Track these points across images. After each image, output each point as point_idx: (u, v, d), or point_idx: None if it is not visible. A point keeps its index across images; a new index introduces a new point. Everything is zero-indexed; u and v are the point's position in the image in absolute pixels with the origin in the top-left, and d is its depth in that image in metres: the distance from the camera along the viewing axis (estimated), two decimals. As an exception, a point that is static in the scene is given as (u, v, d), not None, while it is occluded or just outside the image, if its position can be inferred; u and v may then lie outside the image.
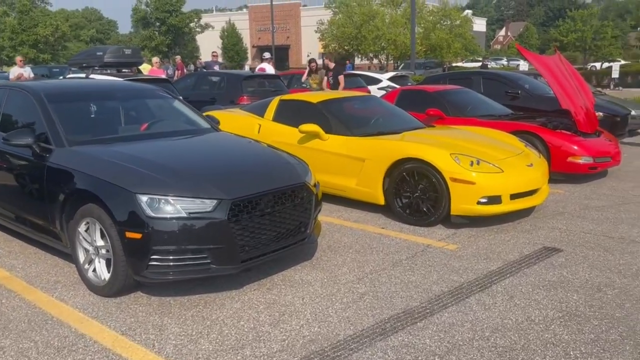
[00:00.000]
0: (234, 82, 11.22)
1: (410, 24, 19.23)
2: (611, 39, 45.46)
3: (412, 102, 8.53)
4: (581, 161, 6.99)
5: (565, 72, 7.88)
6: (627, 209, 5.97)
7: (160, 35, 36.63)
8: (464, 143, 5.66)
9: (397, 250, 4.69)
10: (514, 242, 4.89)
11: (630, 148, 10.15)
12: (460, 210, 5.12)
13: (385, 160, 5.46)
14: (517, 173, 5.30)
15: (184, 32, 39.29)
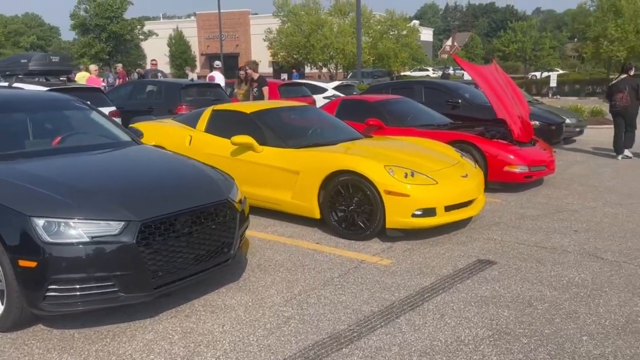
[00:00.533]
0: (172, 91, 10.84)
1: (357, 33, 19.29)
2: (549, 49, 47.37)
3: (352, 112, 8.44)
4: (517, 170, 7.04)
5: (501, 81, 7.97)
6: (560, 218, 6.02)
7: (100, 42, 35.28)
8: (399, 154, 5.56)
9: (330, 267, 4.50)
10: (449, 255, 4.79)
11: (564, 156, 10.41)
12: (395, 224, 5.00)
13: (319, 173, 5.28)
14: (451, 184, 5.23)
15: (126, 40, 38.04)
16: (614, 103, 9.90)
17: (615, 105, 9.91)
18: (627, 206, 6.53)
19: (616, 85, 10.01)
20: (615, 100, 9.87)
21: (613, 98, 9.91)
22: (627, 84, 9.86)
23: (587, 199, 6.94)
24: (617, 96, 9.84)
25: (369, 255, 4.80)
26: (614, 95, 9.89)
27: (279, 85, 13.40)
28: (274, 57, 41.34)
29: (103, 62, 33.72)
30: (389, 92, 10.96)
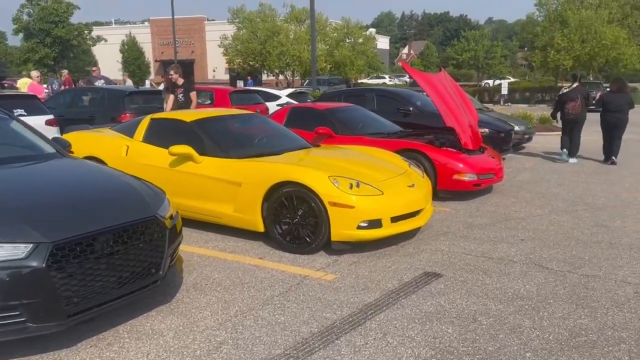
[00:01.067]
0: (115, 99, 10.42)
1: (311, 40, 19.19)
2: (500, 57, 48.71)
3: (302, 120, 8.26)
4: (466, 178, 7.01)
5: (450, 89, 7.96)
6: (508, 226, 5.99)
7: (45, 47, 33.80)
8: (345, 164, 5.40)
9: (271, 284, 4.28)
10: (395, 268, 4.65)
11: (514, 163, 10.53)
12: (341, 236, 4.82)
13: (263, 184, 5.06)
14: (398, 194, 5.10)
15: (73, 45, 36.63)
16: (567, 111, 10.29)
17: (568, 114, 10.32)
18: (572, 213, 6.57)
19: (568, 94, 10.36)
20: (568, 108, 10.27)
21: (566, 106, 10.30)
22: (578, 93, 10.27)
23: (534, 206, 6.97)
24: (569, 105, 10.23)
25: (313, 270, 4.60)
26: (567, 104, 10.27)
27: (230, 93, 13.12)
28: (229, 64, 40.81)
29: (48, 68, 32.35)
30: (341, 100, 10.88)
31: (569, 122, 10.39)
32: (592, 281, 4.35)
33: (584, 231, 5.79)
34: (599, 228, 5.92)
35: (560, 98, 10.56)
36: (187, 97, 9.53)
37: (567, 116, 10.35)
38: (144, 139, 6.03)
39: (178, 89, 9.50)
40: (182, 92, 9.49)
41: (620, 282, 4.33)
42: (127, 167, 5.91)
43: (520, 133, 12.03)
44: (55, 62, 34.50)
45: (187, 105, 9.44)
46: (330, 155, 5.81)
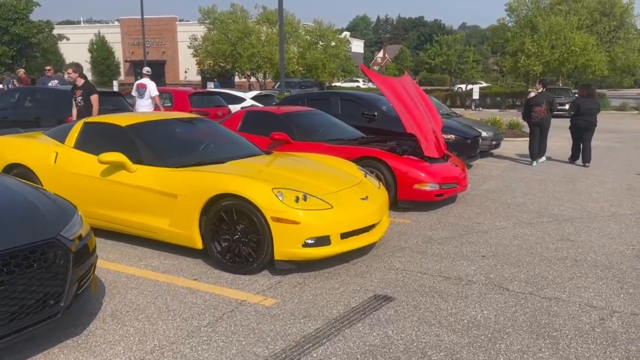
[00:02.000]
0: (63, 100, 9.76)
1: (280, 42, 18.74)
2: (473, 62, 48.99)
3: (258, 125, 7.82)
4: (427, 188, 6.64)
5: (413, 94, 7.60)
6: (469, 240, 5.63)
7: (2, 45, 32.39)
8: (293, 175, 4.97)
9: (201, 312, 3.81)
10: (343, 291, 4.23)
11: (480, 170, 10.25)
12: (285, 255, 4.38)
13: (200, 197, 4.58)
14: (349, 208, 4.68)
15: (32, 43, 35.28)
16: (534, 115, 10.73)
17: (533, 117, 10.76)
18: (537, 225, 6.26)
19: (535, 99, 10.80)
20: (535, 112, 10.71)
21: (532, 110, 10.72)
22: (544, 98, 10.76)
23: (499, 217, 6.64)
24: (535, 109, 10.69)
25: (253, 293, 4.14)
26: (533, 108, 10.71)
27: (190, 94, 12.58)
28: (199, 65, 40.05)
29: (6, 67, 31.04)
30: (304, 104, 10.45)
31: (535, 125, 10.81)
32: (555, 305, 3.99)
33: (548, 246, 5.47)
34: (564, 242, 5.60)
35: (528, 102, 10.97)
36: (87, 101, 8.42)
37: (533, 120, 10.76)
38: (75, 145, 5.49)
39: (77, 90, 8.50)
40: (81, 94, 8.45)
41: (584, 306, 3.98)
42: (55, 175, 5.42)
43: (488, 139, 11.79)
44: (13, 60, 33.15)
45: (87, 111, 8.32)
46: (279, 165, 5.37)
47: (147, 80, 10.93)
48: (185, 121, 5.94)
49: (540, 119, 10.67)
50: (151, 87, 10.74)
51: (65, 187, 5.33)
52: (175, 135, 5.58)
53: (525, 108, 11.04)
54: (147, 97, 10.66)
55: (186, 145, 5.50)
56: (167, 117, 5.82)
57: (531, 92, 11.55)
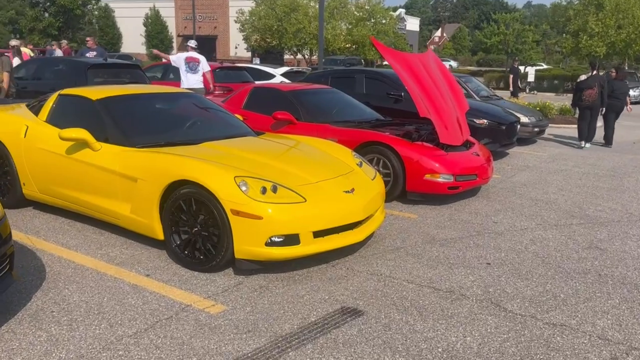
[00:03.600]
0: (77, 71, 9.50)
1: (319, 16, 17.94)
2: (532, 43, 46.30)
3: (263, 103, 7.24)
4: (440, 179, 5.89)
5: (435, 73, 6.80)
6: (477, 243, 4.89)
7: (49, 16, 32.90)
8: (270, 161, 4.37)
9: (135, 316, 3.32)
10: (308, 300, 3.63)
11: (516, 159, 9.32)
12: (246, 253, 3.82)
13: (159, 182, 4.08)
14: (326, 202, 4.05)
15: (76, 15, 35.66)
16: (584, 98, 10.52)
17: (584, 100, 10.54)
18: (564, 228, 5.43)
19: (585, 82, 10.59)
20: (585, 95, 10.49)
21: (583, 93, 10.51)
22: (596, 81, 10.50)
23: (521, 216, 5.83)
24: (586, 92, 10.46)
25: (203, 297, 3.62)
26: (584, 91, 10.49)
27: (214, 69, 12.10)
28: (246, 41, 39.67)
29: (52, 38, 31.56)
30: (327, 81, 9.79)
31: (586, 109, 10.61)
32: (559, 335, 3.26)
33: (570, 255, 4.66)
34: (591, 251, 4.77)
35: (578, 85, 10.77)
36: None
37: (584, 103, 10.55)
38: (47, 119, 5.09)
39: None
40: None
41: (596, 339, 3.23)
42: (25, 151, 5.08)
43: (529, 125, 10.78)
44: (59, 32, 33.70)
45: None
46: (259, 148, 4.78)
47: (198, 54, 10.41)
48: (166, 96, 5.42)
49: (591, 102, 10.45)
50: (204, 61, 10.11)
51: (34, 164, 4.97)
52: (151, 112, 5.07)
53: (575, 91, 10.80)
54: (199, 72, 10.01)
55: (162, 123, 4.99)
56: (149, 91, 5.31)
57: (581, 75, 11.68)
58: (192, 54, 10.14)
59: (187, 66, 9.88)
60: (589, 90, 10.39)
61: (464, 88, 11.33)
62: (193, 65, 9.89)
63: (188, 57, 10.00)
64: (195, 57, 10.08)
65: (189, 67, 9.89)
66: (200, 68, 10.03)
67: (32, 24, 33.17)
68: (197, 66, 9.97)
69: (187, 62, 9.93)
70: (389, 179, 6.06)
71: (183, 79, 9.95)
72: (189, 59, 9.99)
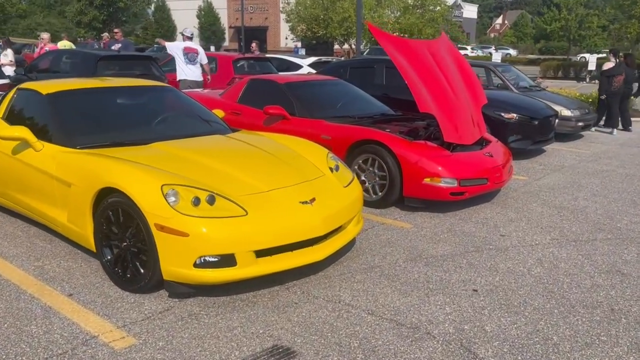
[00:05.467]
0: (87, 63, 9.29)
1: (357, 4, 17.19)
2: (597, 28, 43.24)
3: (259, 96, 6.69)
4: (441, 184, 5.15)
5: (446, 63, 6.00)
6: (471, 262, 4.15)
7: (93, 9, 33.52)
8: (219, 165, 3.81)
9: (25, 350, 2.85)
10: (237, 333, 3.06)
11: (551, 158, 8.34)
12: (174, 275, 3.29)
13: (89, 189, 3.62)
14: (273, 215, 3.45)
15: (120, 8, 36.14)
16: (615, 85, 10.74)
17: (614, 87, 10.76)
18: (583, 245, 4.58)
19: (616, 69, 10.79)
20: (615, 82, 10.73)
21: (614, 80, 10.71)
22: (623, 68, 10.89)
23: (537, 228, 5.01)
24: (617, 79, 10.72)
25: (117, 325, 3.11)
26: (615, 78, 10.70)
27: (234, 60, 11.67)
28: (292, 31, 39.19)
29: (97, 30, 32.15)
30: (346, 72, 9.14)
31: (615, 95, 10.79)
32: (534, 398, 2.54)
33: (582, 281, 3.85)
34: (609, 276, 3.94)
35: (608, 73, 10.82)
36: None
37: (613, 90, 10.77)
38: (4, 116, 4.74)
39: None
40: None
41: (582, 407, 2.49)
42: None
43: (572, 119, 9.71)
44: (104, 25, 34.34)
45: None
46: (215, 150, 4.22)
47: (196, 44, 10.16)
48: (135, 91, 4.95)
49: (619, 88, 10.80)
50: (202, 53, 9.79)
51: (-14, 164, 4.63)
52: (107, 109, 4.61)
53: (604, 79, 10.89)
54: (198, 63, 9.72)
55: (114, 121, 4.51)
56: (112, 85, 4.85)
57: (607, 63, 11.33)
58: (189, 44, 9.80)
59: (186, 57, 9.56)
60: (619, 77, 10.71)
61: (501, 79, 10.38)
62: (192, 57, 9.55)
63: (186, 47, 9.68)
64: (193, 47, 9.77)
65: (187, 58, 9.56)
66: (199, 59, 9.69)
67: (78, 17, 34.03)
68: (195, 57, 9.66)
69: (185, 53, 9.60)
70: (385, 182, 5.38)
71: (180, 69, 9.62)
72: (187, 49, 9.66)
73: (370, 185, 5.54)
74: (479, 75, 11.47)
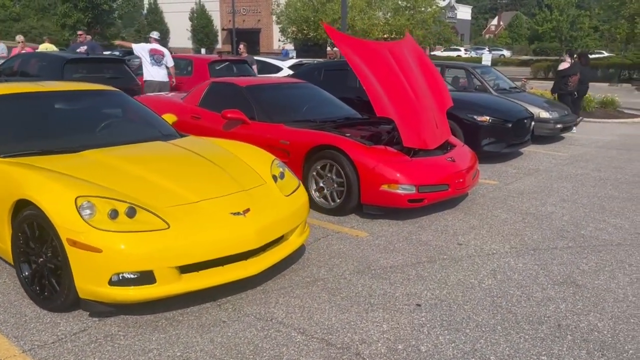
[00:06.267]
0: (54, 66, 9.11)
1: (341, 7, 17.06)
2: (589, 29, 43.09)
3: (219, 100, 6.49)
4: (399, 191, 4.95)
5: (409, 65, 5.81)
6: (421, 274, 3.95)
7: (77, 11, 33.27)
8: (148, 174, 3.59)
9: None
10: (152, 357, 2.85)
11: (525, 162, 8.15)
12: (90, 294, 3.08)
13: (6, 201, 3.40)
14: (200, 228, 3.24)
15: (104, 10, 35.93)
16: (570, 84, 11.21)
17: (569, 87, 11.25)
18: (542, 253, 4.39)
19: (571, 69, 11.26)
20: (571, 82, 11.20)
21: (570, 80, 11.19)
22: (578, 68, 11.38)
23: (497, 236, 4.82)
24: (572, 79, 11.19)
25: (21, 350, 2.90)
26: (570, 78, 11.19)
27: (210, 62, 11.45)
28: (282, 33, 39.00)
29: (83, 33, 31.99)
30: (320, 75, 8.98)
31: (568, 95, 11.25)
32: None
33: (533, 294, 3.66)
34: (563, 289, 3.75)
35: (564, 73, 11.23)
36: None
37: (569, 89, 11.21)
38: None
39: None
40: None
41: None
42: None
43: (550, 121, 9.54)
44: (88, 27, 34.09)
45: None
46: (149, 157, 4.00)
47: (162, 47, 10.10)
48: (74, 95, 4.73)
49: (574, 88, 11.24)
50: (168, 55, 9.85)
51: None
52: (39, 115, 4.36)
53: (559, 79, 11.28)
54: (164, 66, 9.75)
55: (45, 127, 4.28)
56: (47, 90, 4.62)
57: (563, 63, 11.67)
58: (155, 46, 9.82)
59: (152, 58, 9.62)
60: (574, 77, 11.13)
61: (479, 80, 10.22)
62: (158, 58, 9.55)
63: (152, 49, 9.73)
64: (160, 49, 9.78)
65: (154, 59, 9.62)
66: (164, 61, 9.75)
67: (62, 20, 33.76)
68: (161, 59, 9.73)
69: (151, 55, 9.66)
70: (343, 189, 5.18)
71: (147, 71, 9.63)
72: (153, 50, 9.71)
73: (328, 192, 5.34)
74: (459, 77, 11.39)
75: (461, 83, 11.19)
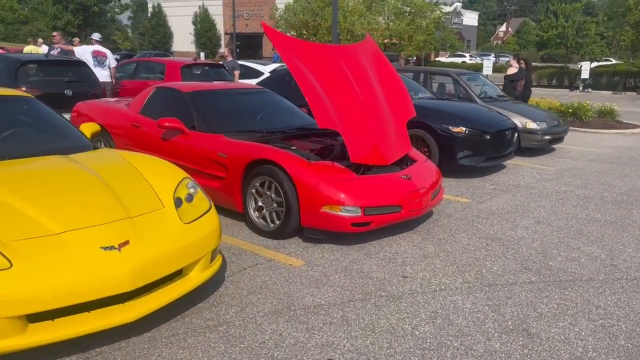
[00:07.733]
0: (7, 69, 8.57)
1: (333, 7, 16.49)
2: (595, 36, 42.30)
3: (161, 106, 5.95)
4: (342, 213, 4.35)
5: (364, 71, 5.22)
6: (348, 316, 3.35)
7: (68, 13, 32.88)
8: (12, 198, 3.02)
9: None
10: None
11: (506, 176, 7.52)
12: None
13: None
14: (55, 267, 2.66)
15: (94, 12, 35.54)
16: (518, 89, 11.24)
17: (518, 91, 11.23)
18: (498, 291, 3.77)
19: (519, 74, 11.28)
20: (519, 86, 11.25)
21: (518, 84, 11.22)
22: (524, 73, 11.46)
23: (451, 267, 4.20)
24: (519, 83, 11.26)
25: None
26: (518, 82, 11.23)
27: (182, 66, 10.91)
28: (283, 37, 38.48)
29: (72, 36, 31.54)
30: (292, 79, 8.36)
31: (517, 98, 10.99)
32: None
33: (474, 346, 3.05)
34: (511, 338, 3.13)
35: (511, 78, 11.28)
36: None
37: (517, 93, 11.15)
38: None
39: None
40: None
41: None
42: None
43: (538, 132, 8.91)
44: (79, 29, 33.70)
45: None
46: (24, 176, 3.42)
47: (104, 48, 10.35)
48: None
49: (522, 93, 11.33)
50: (110, 56, 10.10)
51: None
52: None
53: (507, 83, 11.30)
54: (107, 66, 9.86)
55: None
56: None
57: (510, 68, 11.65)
58: (98, 47, 9.96)
59: (95, 60, 9.90)
60: (520, 81, 11.27)
61: (464, 88, 9.61)
62: (101, 60, 9.67)
63: (95, 50, 10.04)
64: (102, 51, 9.90)
65: (97, 61, 9.85)
66: (107, 63, 9.90)
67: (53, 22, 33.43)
68: (104, 60, 9.95)
69: (94, 56, 9.99)
70: (282, 209, 4.59)
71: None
72: (95, 52, 9.82)
73: (267, 212, 4.76)
74: (445, 84, 10.79)
75: (448, 91, 10.62)
